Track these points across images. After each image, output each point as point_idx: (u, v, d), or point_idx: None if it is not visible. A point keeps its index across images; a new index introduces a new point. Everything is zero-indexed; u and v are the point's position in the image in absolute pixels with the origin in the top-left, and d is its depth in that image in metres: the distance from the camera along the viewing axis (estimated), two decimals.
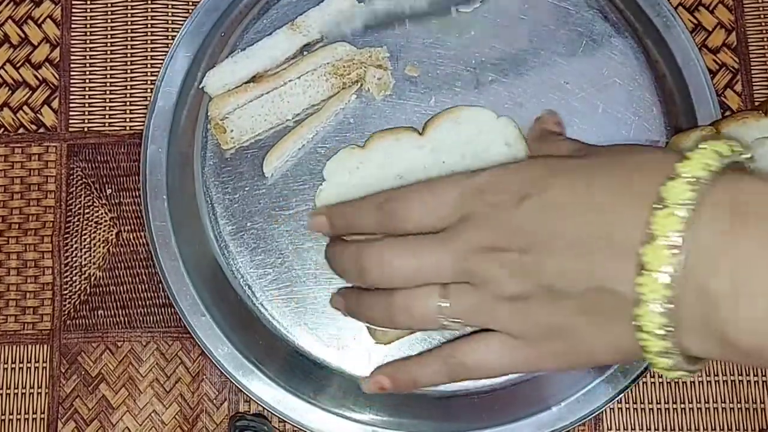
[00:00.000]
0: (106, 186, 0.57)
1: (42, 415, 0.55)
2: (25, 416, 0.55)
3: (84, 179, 0.57)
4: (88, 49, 0.58)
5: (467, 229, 0.42)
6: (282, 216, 0.52)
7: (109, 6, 0.58)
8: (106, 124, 0.57)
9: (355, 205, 0.47)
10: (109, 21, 0.58)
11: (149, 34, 0.58)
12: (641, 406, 0.55)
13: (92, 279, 0.56)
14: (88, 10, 0.58)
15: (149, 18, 0.58)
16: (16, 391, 0.55)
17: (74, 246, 0.56)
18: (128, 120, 0.57)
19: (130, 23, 0.58)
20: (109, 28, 0.58)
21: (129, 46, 0.58)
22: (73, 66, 0.58)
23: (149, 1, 0.58)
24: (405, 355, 0.51)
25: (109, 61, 0.58)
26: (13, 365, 0.55)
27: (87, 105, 0.57)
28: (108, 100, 0.57)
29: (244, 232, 0.52)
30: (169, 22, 0.58)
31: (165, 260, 0.53)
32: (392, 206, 0.45)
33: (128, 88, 0.57)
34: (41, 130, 0.57)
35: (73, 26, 0.58)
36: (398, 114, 0.53)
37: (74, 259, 0.56)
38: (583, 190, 0.40)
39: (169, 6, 0.58)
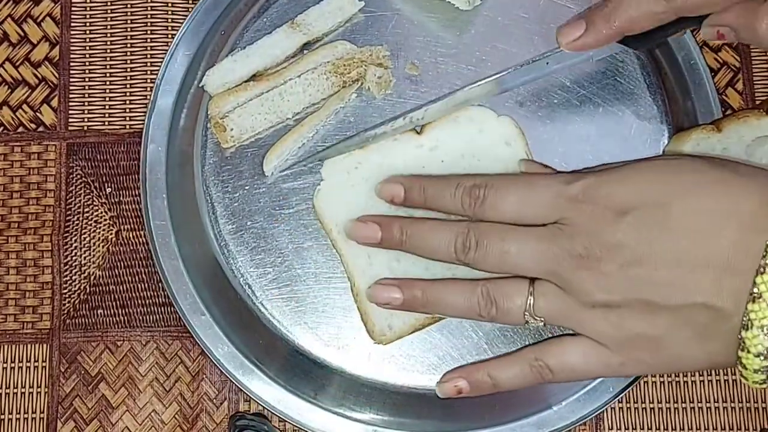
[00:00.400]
0: (106, 185, 0.56)
1: (41, 415, 0.55)
2: (25, 415, 0.55)
3: (83, 178, 0.57)
4: (88, 48, 0.58)
5: (563, 235, 0.43)
6: (282, 215, 0.52)
7: (109, 4, 0.58)
8: (106, 123, 0.57)
9: (440, 182, 0.48)
10: (109, 19, 0.58)
11: (149, 32, 0.58)
12: (642, 405, 0.55)
13: (92, 278, 0.56)
14: (88, 9, 0.58)
15: (149, 16, 0.58)
16: (15, 391, 0.55)
17: (74, 245, 0.56)
18: (128, 119, 0.57)
19: (129, 22, 0.58)
20: (109, 27, 0.58)
21: (128, 45, 0.58)
22: (72, 64, 0.58)
23: (149, 0, 0.58)
24: (405, 354, 0.51)
25: (108, 59, 0.58)
26: (13, 364, 0.55)
27: (86, 104, 0.57)
28: (108, 99, 0.57)
29: (244, 231, 0.52)
30: (169, 20, 0.58)
31: (165, 259, 0.53)
32: (484, 193, 0.46)
33: (128, 87, 0.57)
34: (41, 129, 0.57)
35: (73, 25, 0.58)
36: (398, 113, 0.53)
37: (74, 258, 0.56)
38: (686, 208, 0.41)
39: (169, 4, 0.58)
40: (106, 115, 0.57)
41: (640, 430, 0.55)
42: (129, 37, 0.58)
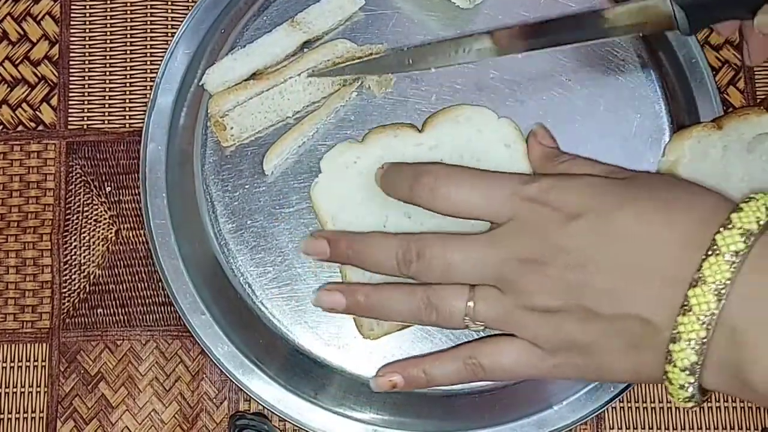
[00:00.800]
0: (106, 184, 0.56)
1: (41, 414, 0.55)
2: (24, 415, 0.55)
3: (83, 177, 0.57)
4: (87, 46, 0.58)
5: (512, 236, 0.44)
6: (282, 214, 0.52)
7: (109, 3, 0.58)
8: (106, 122, 0.57)
9: (393, 170, 0.48)
10: (109, 18, 0.58)
11: (149, 31, 0.58)
12: (643, 405, 0.55)
13: (91, 277, 0.56)
14: (87, 7, 0.58)
15: (149, 15, 0.58)
16: (15, 390, 0.55)
17: (73, 244, 0.56)
18: (128, 117, 0.57)
19: (129, 20, 0.58)
20: (109, 25, 0.58)
21: (128, 43, 0.58)
22: (72, 63, 0.58)
23: None
24: (406, 353, 0.51)
25: (108, 58, 0.58)
26: (12, 364, 0.55)
27: (86, 102, 0.57)
28: (107, 98, 0.57)
29: (244, 230, 0.52)
30: (169, 18, 0.58)
31: (164, 258, 0.53)
32: (436, 182, 0.45)
33: (127, 86, 0.57)
34: (40, 128, 0.57)
35: (72, 23, 0.58)
36: (399, 111, 0.53)
37: (73, 258, 0.56)
38: (633, 219, 0.41)
39: (169, 3, 0.58)
40: (106, 114, 0.57)
41: (641, 430, 0.54)
42: (129, 36, 0.58)
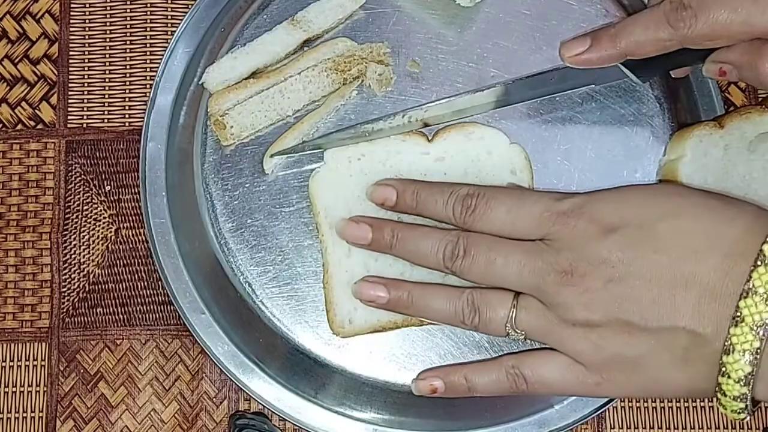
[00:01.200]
0: (105, 183, 0.56)
1: (40, 414, 0.55)
2: (24, 415, 0.55)
3: (83, 176, 0.56)
4: (87, 45, 0.58)
5: (551, 248, 0.44)
6: (282, 213, 0.52)
7: (108, 1, 0.58)
8: (105, 121, 0.57)
9: (433, 189, 0.48)
10: (108, 16, 0.58)
11: (148, 29, 0.58)
12: (644, 404, 0.55)
13: (91, 276, 0.56)
14: (87, 5, 0.58)
15: (148, 13, 0.58)
16: (14, 390, 0.55)
17: (73, 243, 0.56)
18: (127, 116, 0.57)
19: (129, 18, 0.58)
20: (108, 24, 0.58)
21: (128, 42, 0.57)
22: (71, 62, 0.57)
23: None
24: (406, 353, 0.51)
25: (108, 56, 0.57)
26: (12, 363, 0.55)
27: (86, 101, 0.57)
28: (107, 96, 0.57)
29: (244, 229, 0.52)
30: (169, 17, 0.58)
31: (164, 257, 0.52)
32: (476, 202, 0.46)
33: (127, 84, 0.57)
34: (39, 126, 0.57)
35: (72, 21, 0.58)
36: (399, 109, 0.53)
37: (73, 257, 0.56)
38: (674, 230, 0.41)
39: (169, 1, 0.58)
40: (106, 113, 0.57)
41: (642, 429, 0.54)
42: (128, 34, 0.58)
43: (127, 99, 0.57)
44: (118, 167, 0.56)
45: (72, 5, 0.58)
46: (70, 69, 0.57)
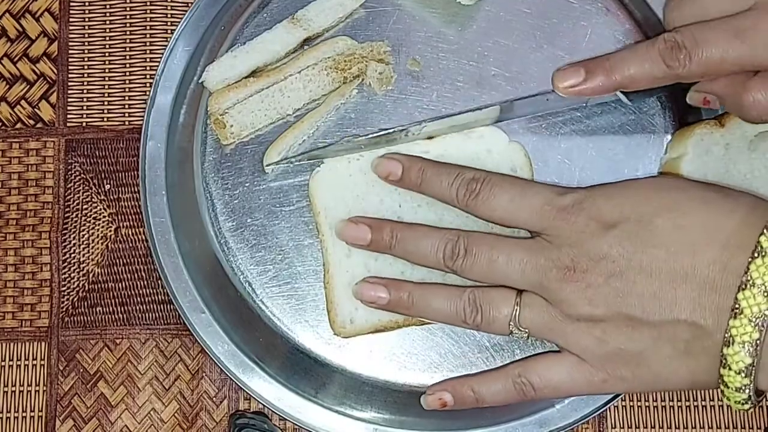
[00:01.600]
0: (105, 182, 0.56)
1: (40, 413, 0.54)
2: (23, 414, 0.54)
3: (82, 175, 0.56)
4: (87, 43, 0.58)
5: (551, 244, 0.44)
6: (282, 212, 0.52)
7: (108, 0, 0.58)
8: (105, 119, 0.57)
9: (439, 168, 0.48)
10: (108, 15, 0.58)
11: (148, 27, 0.57)
12: (645, 403, 0.55)
13: (90, 275, 0.56)
14: (87, 4, 0.58)
15: (148, 12, 0.58)
16: (13, 389, 0.55)
17: (72, 242, 0.56)
18: (127, 115, 0.57)
19: (128, 17, 0.58)
20: (108, 22, 0.58)
21: (128, 40, 0.57)
22: (71, 60, 0.57)
23: None
24: (406, 352, 0.51)
25: (107, 55, 0.57)
26: (11, 363, 0.55)
27: (85, 100, 0.57)
28: (106, 95, 0.57)
29: (244, 228, 0.52)
30: (168, 15, 0.58)
31: (164, 257, 0.52)
32: (479, 187, 0.46)
33: (127, 83, 0.57)
34: (39, 125, 0.57)
35: (71, 20, 0.58)
36: (400, 109, 0.53)
37: (72, 256, 0.56)
38: (672, 224, 0.42)
39: None
40: (105, 111, 0.57)
41: (644, 429, 0.54)
42: (128, 33, 0.57)
43: (127, 98, 0.57)
44: (118, 166, 0.56)
45: (71, 3, 0.58)
46: (70, 67, 0.57)
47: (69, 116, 0.57)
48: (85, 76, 0.57)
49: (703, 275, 0.40)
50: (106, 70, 0.57)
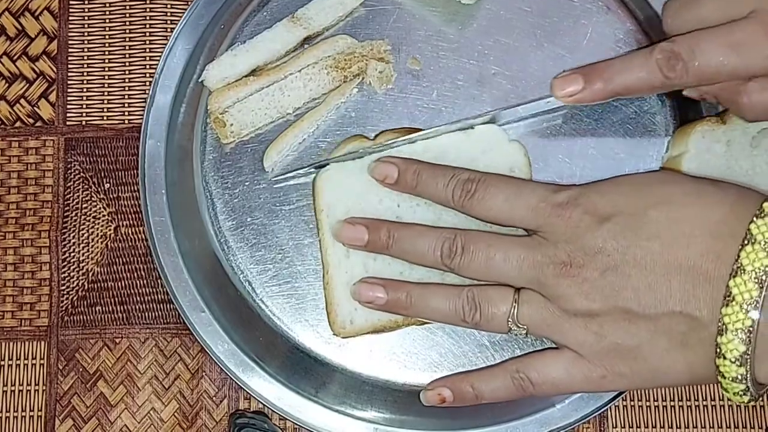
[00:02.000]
0: (104, 180, 0.56)
1: (39, 413, 0.54)
2: (22, 414, 0.54)
3: (82, 173, 0.56)
4: (86, 42, 0.58)
5: (547, 241, 0.44)
6: (282, 211, 0.52)
7: None
8: (105, 118, 0.57)
9: (435, 170, 0.48)
10: (108, 13, 0.58)
11: (148, 26, 0.57)
12: (646, 403, 0.54)
13: (90, 275, 0.55)
14: (86, 2, 0.58)
15: (148, 10, 0.58)
16: (13, 389, 0.55)
17: (72, 241, 0.56)
18: (127, 113, 0.57)
19: (128, 15, 0.58)
20: (108, 20, 0.58)
21: (127, 39, 0.57)
22: (70, 59, 0.57)
23: None
24: (407, 351, 0.51)
25: (107, 53, 0.57)
26: (10, 362, 0.55)
27: (85, 98, 0.57)
28: (106, 94, 0.57)
29: (244, 227, 0.52)
30: (168, 14, 0.58)
31: (164, 256, 0.52)
32: (474, 187, 0.47)
33: (126, 81, 0.57)
34: (38, 124, 0.57)
35: (71, 18, 0.58)
36: (400, 108, 0.53)
37: (72, 255, 0.56)
38: (665, 216, 0.42)
39: None
40: (105, 110, 0.57)
41: (645, 428, 0.54)
42: (127, 31, 0.57)
43: (127, 96, 0.57)
44: (118, 165, 0.56)
45: (71, 2, 0.58)
46: (69, 66, 0.57)
47: (68, 115, 0.57)
48: (85, 74, 0.57)
49: (697, 266, 0.41)
50: (106, 69, 0.57)
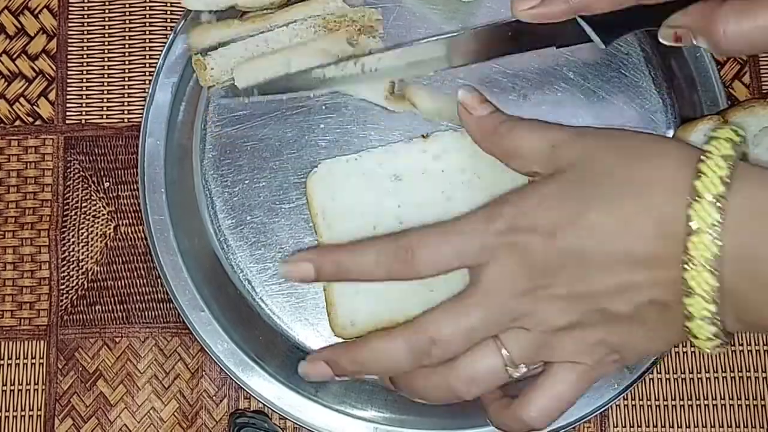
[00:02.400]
0: (104, 179, 0.56)
1: (39, 412, 0.54)
2: (22, 413, 0.54)
3: (81, 172, 0.56)
4: (86, 40, 0.57)
5: (502, 277, 0.42)
6: (282, 210, 0.52)
7: None
8: (104, 116, 0.57)
9: (352, 252, 0.45)
10: (107, 11, 0.58)
11: (147, 24, 0.57)
12: (647, 402, 0.54)
13: (90, 274, 0.55)
14: (86, 0, 0.58)
15: (147, 8, 0.58)
16: (12, 388, 0.55)
17: (71, 240, 0.56)
18: (126, 112, 0.57)
19: (127, 14, 0.58)
20: (107, 19, 0.58)
21: (127, 37, 0.57)
22: (70, 57, 0.57)
23: None
24: None
25: (106, 52, 0.57)
26: (10, 361, 0.55)
27: (84, 97, 0.57)
28: (106, 92, 0.57)
29: (243, 225, 0.52)
30: (168, 12, 0.58)
31: (163, 255, 0.52)
32: (412, 253, 0.43)
33: (126, 80, 0.57)
34: (38, 123, 0.57)
35: (70, 17, 0.58)
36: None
37: (71, 254, 0.56)
38: (605, 213, 0.41)
39: None
40: (104, 109, 0.57)
41: (646, 428, 0.54)
42: (127, 30, 0.57)
43: (126, 95, 0.57)
44: (117, 163, 0.56)
45: (70, 0, 0.58)
46: (69, 65, 0.57)
47: (68, 113, 0.57)
48: (84, 73, 0.57)
49: (652, 254, 0.40)
50: (105, 67, 0.57)
